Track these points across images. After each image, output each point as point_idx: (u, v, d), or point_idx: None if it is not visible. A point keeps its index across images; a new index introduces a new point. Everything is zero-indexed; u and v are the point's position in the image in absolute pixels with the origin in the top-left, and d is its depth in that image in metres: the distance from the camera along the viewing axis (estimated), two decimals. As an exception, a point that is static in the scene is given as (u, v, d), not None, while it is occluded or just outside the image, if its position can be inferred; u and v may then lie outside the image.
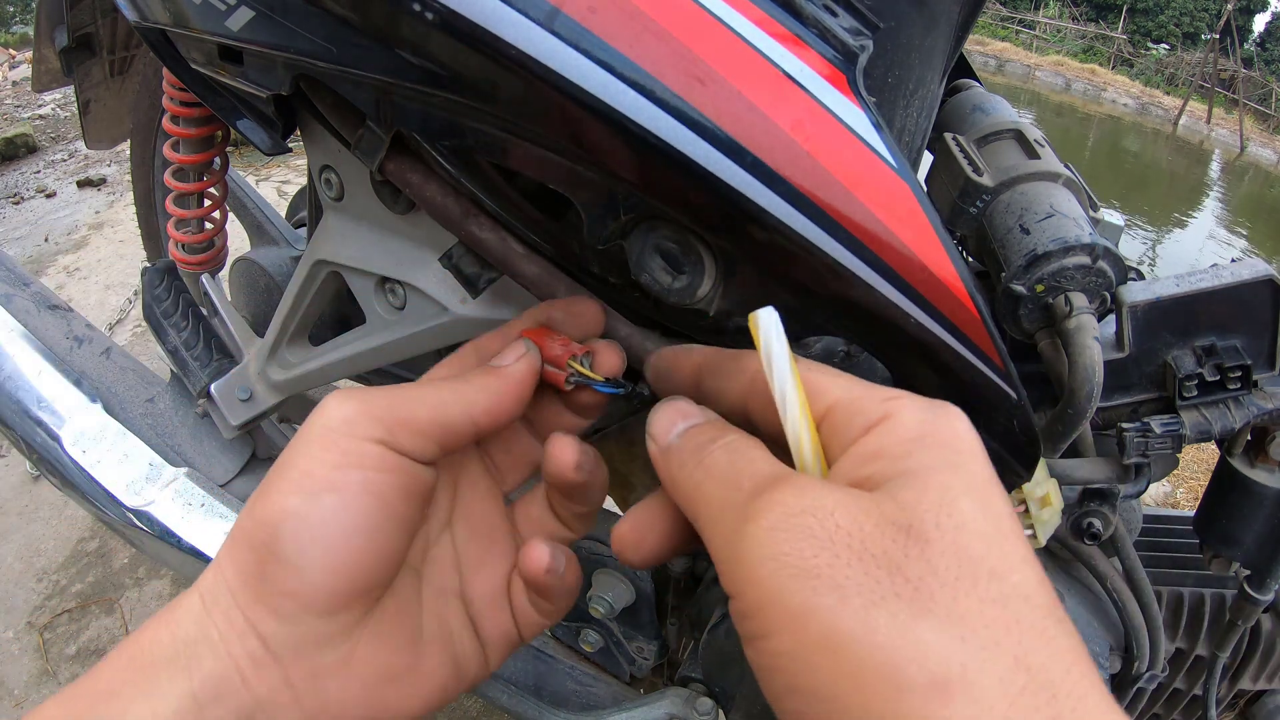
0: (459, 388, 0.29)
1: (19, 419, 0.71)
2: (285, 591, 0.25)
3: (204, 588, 0.26)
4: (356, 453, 0.26)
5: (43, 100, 3.66)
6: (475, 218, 0.38)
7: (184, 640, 0.25)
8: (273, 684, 0.25)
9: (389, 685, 0.27)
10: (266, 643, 0.25)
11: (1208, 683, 0.63)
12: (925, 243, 0.32)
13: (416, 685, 0.28)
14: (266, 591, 0.25)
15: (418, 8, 0.30)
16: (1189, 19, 20.68)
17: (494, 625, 0.32)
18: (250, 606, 0.25)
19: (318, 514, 0.25)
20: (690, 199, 0.31)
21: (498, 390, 0.30)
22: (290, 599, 0.25)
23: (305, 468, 0.26)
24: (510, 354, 0.31)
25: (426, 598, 0.30)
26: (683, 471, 0.26)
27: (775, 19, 0.31)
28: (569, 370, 0.32)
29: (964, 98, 0.56)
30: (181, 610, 0.26)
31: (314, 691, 0.26)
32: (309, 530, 0.25)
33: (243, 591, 0.25)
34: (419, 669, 0.29)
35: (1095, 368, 0.39)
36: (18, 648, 1.13)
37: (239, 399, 0.65)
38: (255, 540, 0.26)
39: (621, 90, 0.29)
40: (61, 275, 2.12)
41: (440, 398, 0.29)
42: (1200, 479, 1.89)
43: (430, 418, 0.28)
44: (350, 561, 0.26)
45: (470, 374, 0.31)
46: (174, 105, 0.59)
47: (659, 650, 0.68)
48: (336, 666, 0.26)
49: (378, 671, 0.27)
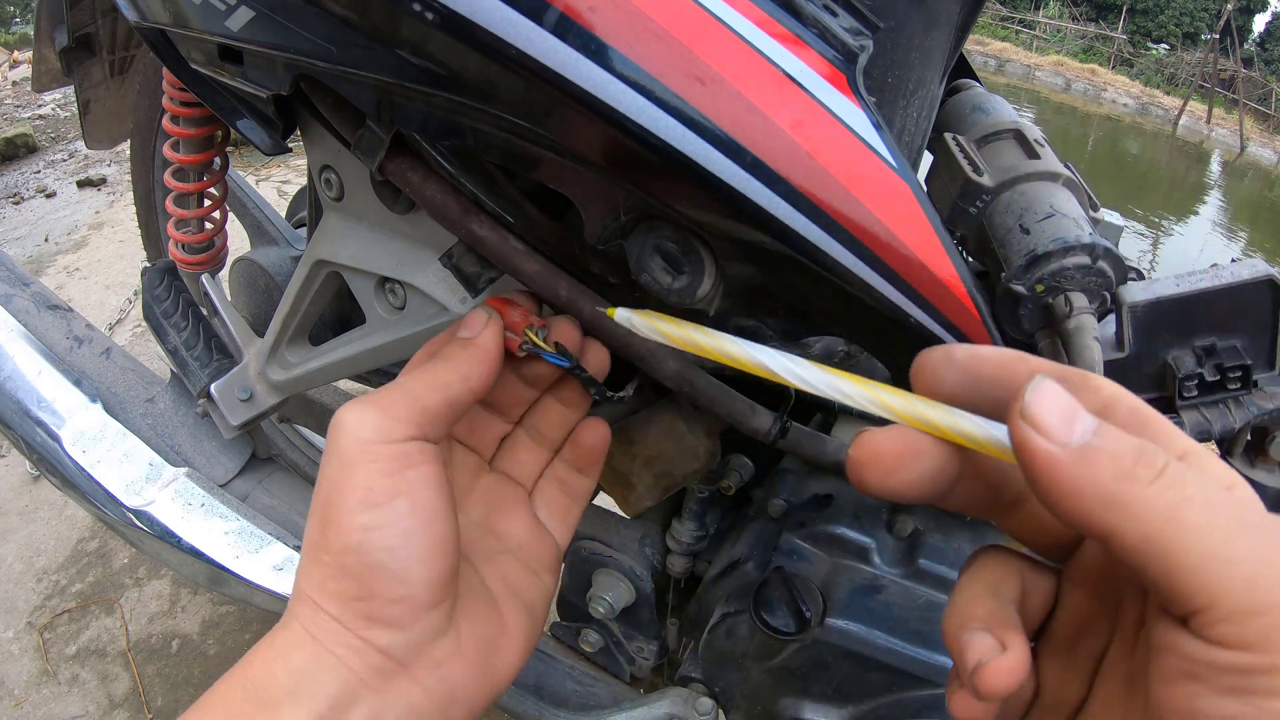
0: (452, 366, 0.31)
1: (19, 419, 0.71)
2: (395, 599, 0.27)
3: (305, 622, 0.27)
4: (402, 454, 0.28)
5: (43, 100, 3.66)
6: (475, 217, 0.38)
7: (300, 672, 0.26)
8: (401, 687, 0.27)
9: (493, 653, 0.30)
10: (388, 654, 0.27)
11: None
12: (925, 243, 0.32)
13: (511, 642, 0.31)
14: (377, 608, 0.27)
15: (418, 8, 0.30)
16: (1189, 19, 20.68)
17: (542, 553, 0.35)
18: (364, 629, 0.27)
19: (395, 519, 0.27)
20: (690, 199, 0.31)
21: (480, 359, 0.32)
22: (400, 605, 0.27)
23: (363, 485, 0.27)
24: (475, 323, 0.33)
25: (480, 566, 0.33)
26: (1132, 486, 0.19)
27: (775, 19, 0.31)
28: (523, 338, 0.33)
29: (964, 98, 0.56)
30: (288, 646, 0.27)
31: (439, 680, 0.28)
32: (394, 536, 0.27)
33: (351, 618, 0.27)
34: (507, 628, 0.31)
35: (1095, 368, 0.39)
36: (18, 648, 1.13)
37: (239, 399, 0.65)
38: (348, 567, 0.27)
39: (621, 90, 0.29)
40: (61, 275, 2.12)
41: (441, 379, 0.30)
42: (1200, 479, 1.89)
43: (441, 400, 0.30)
44: (437, 549, 0.28)
45: (448, 350, 0.32)
46: (174, 105, 0.58)
47: (659, 650, 0.68)
48: (451, 652, 0.28)
49: (481, 643, 0.30)
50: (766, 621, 0.51)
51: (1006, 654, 0.22)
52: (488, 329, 0.32)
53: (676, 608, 0.69)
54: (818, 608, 0.51)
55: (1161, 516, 0.19)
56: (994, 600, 0.24)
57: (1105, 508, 0.19)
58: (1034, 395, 0.21)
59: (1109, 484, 0.19)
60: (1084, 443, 0.20)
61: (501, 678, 0.30)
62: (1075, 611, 0.24)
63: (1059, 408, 0.21)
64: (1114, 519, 0.19)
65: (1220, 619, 0.18)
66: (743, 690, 0.59)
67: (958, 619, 0.24)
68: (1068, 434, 0.20)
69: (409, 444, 0.28)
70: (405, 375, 0.31)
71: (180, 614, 1.20)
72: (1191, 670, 0.18)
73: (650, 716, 0.62)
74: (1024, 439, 0.20)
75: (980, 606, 0.24)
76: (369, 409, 0.28)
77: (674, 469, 0.49)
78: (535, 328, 0.34)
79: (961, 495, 0.25)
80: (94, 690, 1.08)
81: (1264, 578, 0.18)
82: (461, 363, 0.31)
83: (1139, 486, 0.19)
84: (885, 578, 0.53)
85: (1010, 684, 0.22)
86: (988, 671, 0.22)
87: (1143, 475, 0.19)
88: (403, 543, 0.27)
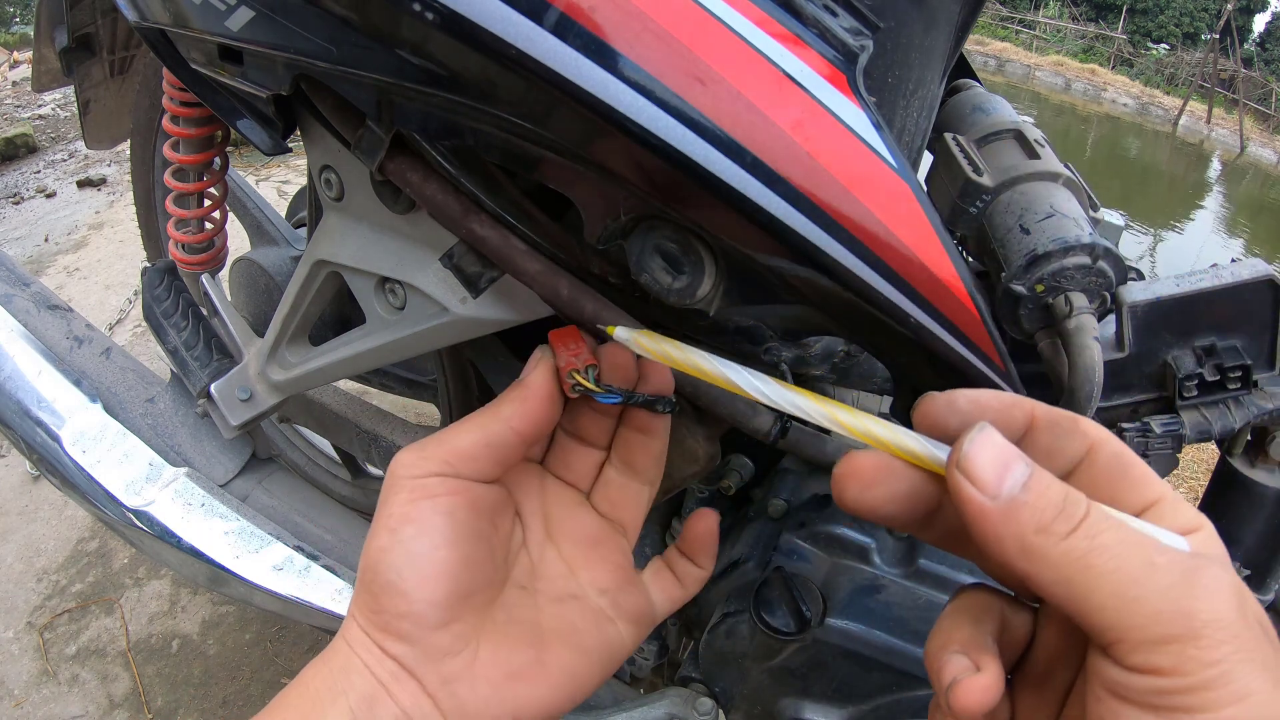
0: (494, 408, 0.33)
1: (19, 419, 0.71)
2: (399, 614, 0.30)
3: (346, 631, 0.31)
4: (421, 487, 0.31)
5: (43, 100, 3.66)
6: (476, 217, 0.38)
7: (339, 671, 0.30)
8: (413, 694, 0.29)
9: (516, 682, 0.31)
10: (401, 662, 0.30)
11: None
12: (925, 243, 0.32)
13: (545, 678, 0.32)
14: (387, 620, 0.30)
15: (418, 8, 0.30)
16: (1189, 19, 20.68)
17: (628, 606, 0.36)
18: (381, 638, 0.30)
19: (403, 542, 0.30)
20: (690, 199, 0.31)
21: (524, 399, 0.33)
22: (405, 620, 0.30)
23: (386, 513, 0.31)
24: (530, 363, 0.34)
25: (543, 604, 0.34)
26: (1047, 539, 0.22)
27: (775, 19, 0.31)
28: (571, 380, 0.33)
29: (964, 98, 0.56)
30: (332, 651, 0.31)
31: (449, 695, 0.30)
32: (400, 557, 0.30)
33: (371, 628, 0.30)
34: (544, 663, 0.32)
35: (1095, 368, 0.39)
36: (18, 648, 1.13)
37: (239, 399, 0.65)
38: (365, 583, 0.31)
39: (621, 90, 0.29)
40: (61, 275, 2.12)
41: (480, 421, 0.33)
42: (1200, 479, 1.89)
43: (475, 440, 0.32)
44: (440, 572, 0.30)
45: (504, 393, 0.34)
46: (174, 105, 0.59)
47: (659, 650, 0.68)
48: (462, 671, 0.30)
49: (504, 671, 0.31)
50: (766, 621, 0.51)
51: (980, 674, 0.24)
52: (537, 370, 0.34)
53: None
54: (818, 608, 0.51)
55: (1074, 564, 0.21)
56: (973, 627, 0.26)
57: (1023, 557, 0.22)
58: (971, 446, 0.23)
59: (1028, 536, 0.22)
60: (1010, 496, 0.22)
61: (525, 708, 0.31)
62: (1048, 646, 0.26)
63: (994, 459, 0.23)
64: (1030, 567, 0.22)
65: (1131, 650, 0.20)
66: (743, 690, 0.59)
67: (939, 642, 0.26)
68: (998, 486, 0.22)
69: (431, 479, 0.31)
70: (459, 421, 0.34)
71: (180, 614, 1.20)
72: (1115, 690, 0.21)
73: (650, 716, 0.62)
74: (957, 487, 0.23)
75: (960, 632, 0.26)
76: (410, 450, 0.32)
77: (673, 471, 0.49)
78: (584, 368, 0.34)
79: (940, 528, 0.26)
80: (94, 690, 1.08)
81: (1167, 613, 0.20)
82: (504, 406, 0.33)
83: (1054, 540, 0.22)
84: (885, 578, 0.53)
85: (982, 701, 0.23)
86: (961, 689, 0.24)
87: (1059, 529, 0.22)
88: (407, 563, 0.30)
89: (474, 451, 0.32)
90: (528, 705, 0.31)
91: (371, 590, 0.30)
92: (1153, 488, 0.24)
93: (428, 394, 0.93)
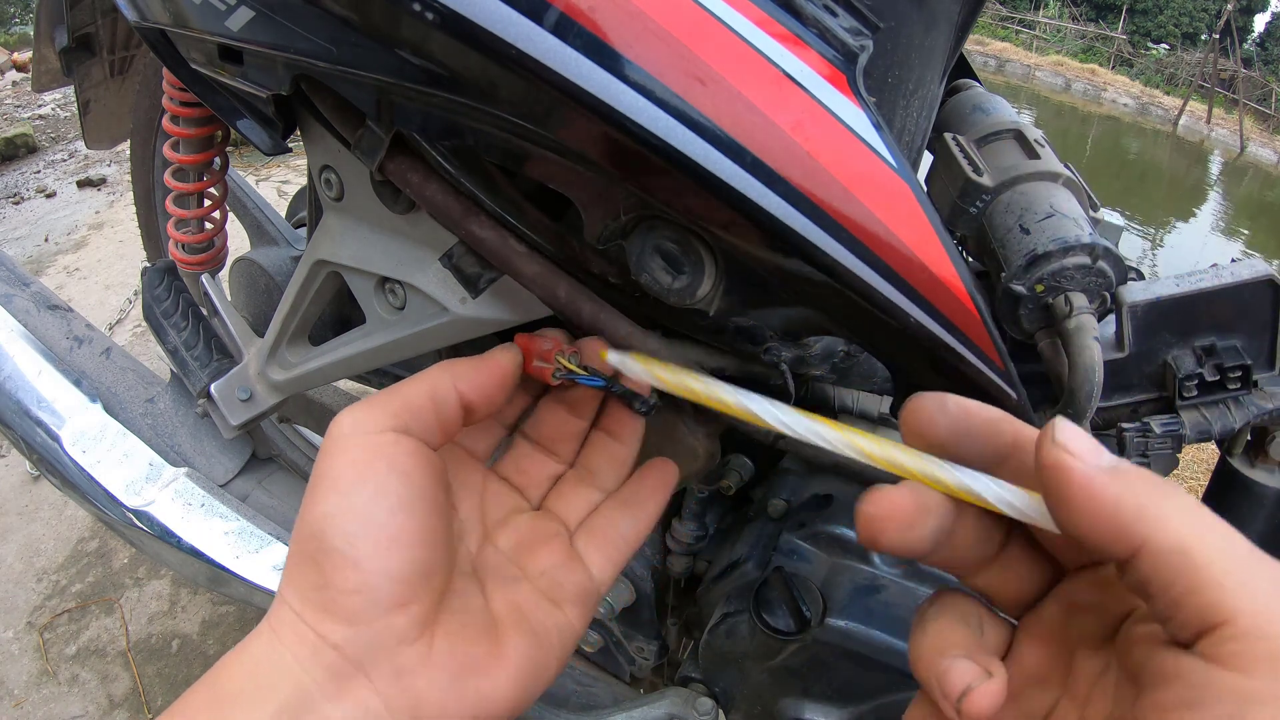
0: (444, 365, 0.31)
1: (19, 419, 0.71)
2: (349, 589, 0.25)
3: (272, 618, 0.26)
4: (374, 444, 0.28)
5: (43, 100, 3.66)
6: (475, 217, 0.38)
7: (254, 670, 0.25)
8: (357, 695, 0.25)
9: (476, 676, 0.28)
10: (343, 651, 0.25)
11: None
12: (925, 243, 0.32)
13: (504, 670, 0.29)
14: (331, 597, 0.25)
15: (418, 8, 0.30)
16: (1189, 19, 20.67)
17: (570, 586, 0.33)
18: (319, 620, 0.26)
19: (357, 505, 0.26)
20: (690, 199, 0.31)
21: (477, 364, 0.31)
22: (356, 595, 0.25)
23: (333, 474, 0.27)
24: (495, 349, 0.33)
25: (491, 591, 0.31)
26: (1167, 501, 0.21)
27: (775, 19, 0.31)
28: (556, 365, 0.33)
29: (964, 98, 0.56)
30: (252, 642, 0.26)
31: (401, 691, 0.26)
32: (353, 522, 0.26)
33: (308, 609, 0.26)
34: (501, 654, 0.29)
35: (1095, 368, 0.39)
36: (18, 648, 1.13)
37: (239, 399, 0.65)
38: (307, 554, 0.26)
39: (621, 90, 0.29)
40: (61, 275, 2.12)
41: (429, 377, 0.30)
42: (1200, 479, 1.89)
43: (423, 393, 0.29)
44: (400, 540, 0.26)
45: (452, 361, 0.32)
46: (174, 105, 0.59)
47: (659, 650, 0.68)
48: (418, 662, 0.26)
49: (461, 663, 0.27)
50: (766, 621, 0.51)
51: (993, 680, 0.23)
52: (502, 347, 0.33)
53: (676, 608, 0.69)
54: (818, 608, 0.51)
55: (1192, 531, 0.20)
56: (967, 629, 0.25)
57: (1140, 519, 0.20)
58: (1063, 428, 0.22)
59: (1144, 496, 0.20)
60: (1114, 464, 0.21)
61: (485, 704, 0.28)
62: (1027, 665, 0.25)
63: (1086, 438, 0.22)
64: (1149, 529, 0.20)
65: (1232, 637, 0.19)
66: (743, 690, 0.59)
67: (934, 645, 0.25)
68: (1098, 458, 0.22)
69: (383, 435, 0.28)
70: None
71: (180, 614, 1.20)
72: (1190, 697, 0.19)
73: (650, 716, 0.62)
74: (1059, 462, 0.22)
75: (956, 634, 0.25)
76: (355, 407, 0.29)
77: (674, 469, 0.49)
78: (567, 354, 0.34)
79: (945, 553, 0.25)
80: (94, 690, 1.08)
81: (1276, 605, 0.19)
82: (457, 363, 0.31)
83: (1172, 501, 0.20)
84: (885, 578, 0.53)
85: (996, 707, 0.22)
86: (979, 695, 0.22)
87: (1171, 493, 0.20)
88: (361, 529, 0.26)
89: (422, 406, 0.29)
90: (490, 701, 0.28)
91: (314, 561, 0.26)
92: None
93: (428, 394, 0.93)
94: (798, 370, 0.44)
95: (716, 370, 0.44)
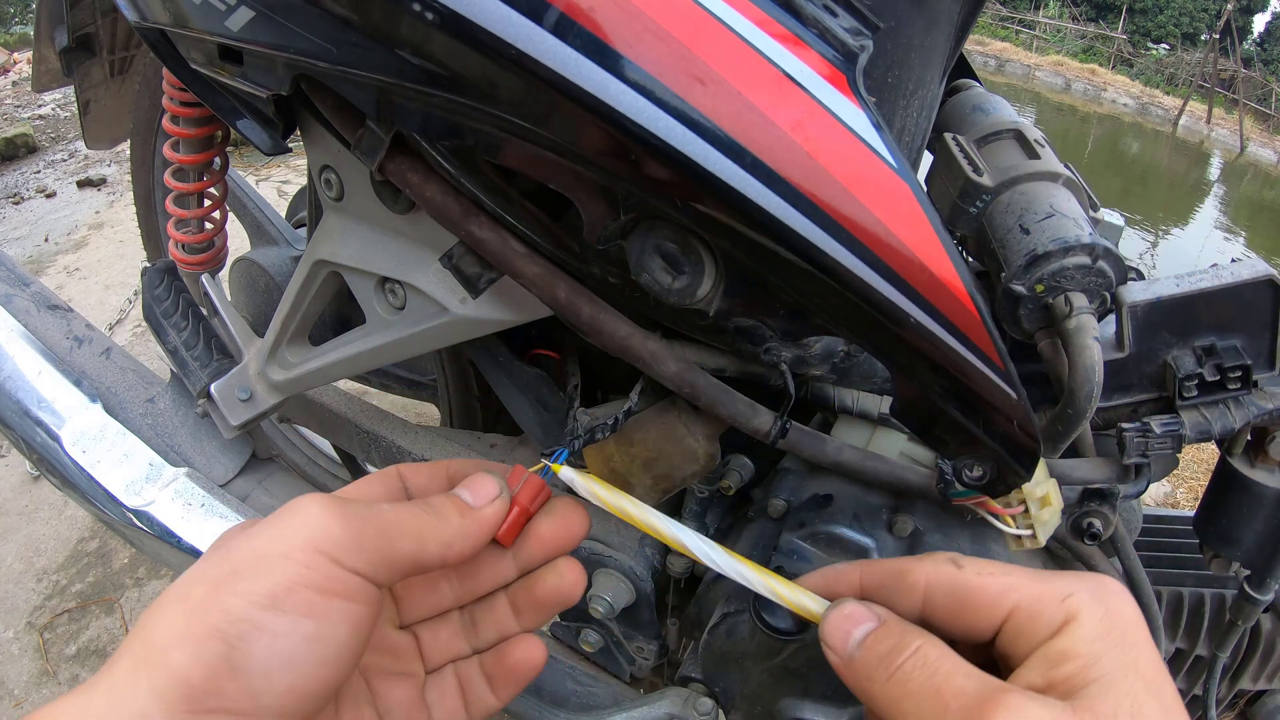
0: (435, 526, 0.29)
1: (19, 419, 0.71)
2: (234, 711, 0.23)
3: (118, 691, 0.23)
4: (341, 581, 0.25)
5: (43, 100, 3.66)
6: (475, 217, 0.38)
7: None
8: None
9: None
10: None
11: (1208, 683, 0.63)
12: (925, 243, 0.32)
13: None
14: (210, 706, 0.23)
15: (418, 8, 0.30)
16: (1189, 19, 20.67)
17: None
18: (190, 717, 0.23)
19: (293, 638, 0.24)
20: (690, 199, 0.31)
21: (472, 534, 0.30)
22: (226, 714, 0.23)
23: (285, 582, 0.24)
24: (484, 493, 0.31)
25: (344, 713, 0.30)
26: (874, 685, 0.28)
27: (775, 19, 0.31)
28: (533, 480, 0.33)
29: (964, 98, 0.56)
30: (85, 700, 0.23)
31: None
32: (281, 654, 0.24)
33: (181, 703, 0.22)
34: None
35: (1095, 368, 0.39)
36: (18, 648, 1.13)
37: (239, 399, 0.65)
38: (209, 650, 0.23)
39: (621, 90, 0.29)
40: (61, 275, 2.12)
41: (421, 534, 0.28)
42: (1200, 479, 1.89)
43: (409, 554, 0.28)
44: (313, 690, 0.25)
45: (443, 508, 0.30)
46: (174, 105, 0.58)
47: (659, 650, 0.68)
48: None
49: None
50: (766, 621, 0.51)
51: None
52: (493, 507, 0.31)
53: (676, 608, 0.69)
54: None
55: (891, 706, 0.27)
56: None
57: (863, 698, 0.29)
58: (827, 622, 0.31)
59: (861, 684, 0.29)
60: (850, 656, 0.29)
61: None
62: None
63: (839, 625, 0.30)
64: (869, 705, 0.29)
65: None
66: (743, 690, 0.59)
67: None
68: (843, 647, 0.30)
69: (354, 577, 0.26)
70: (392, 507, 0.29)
71: (180, 614, 1.20)
72: None
73: (650, 716, 0.62)
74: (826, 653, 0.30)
75: None
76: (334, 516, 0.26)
77: (673, 471, 0.49)
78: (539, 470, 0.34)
79: None
80: (94, 690, 1.08)
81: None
82: (448, 530, 0.29)
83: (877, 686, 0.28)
84: (885, 578, 0.53)
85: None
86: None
87: (879, 676, 0.28)
88: (283, 666, 0.24)
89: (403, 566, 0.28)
90: None
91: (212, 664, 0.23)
92: (1001, 606, 0.28)
93: (427, 394, 0.93)
94: (798, 370, 0.44)
95: (717, 370, 0.44)
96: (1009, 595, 0.28)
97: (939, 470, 0.39)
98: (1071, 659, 0.26)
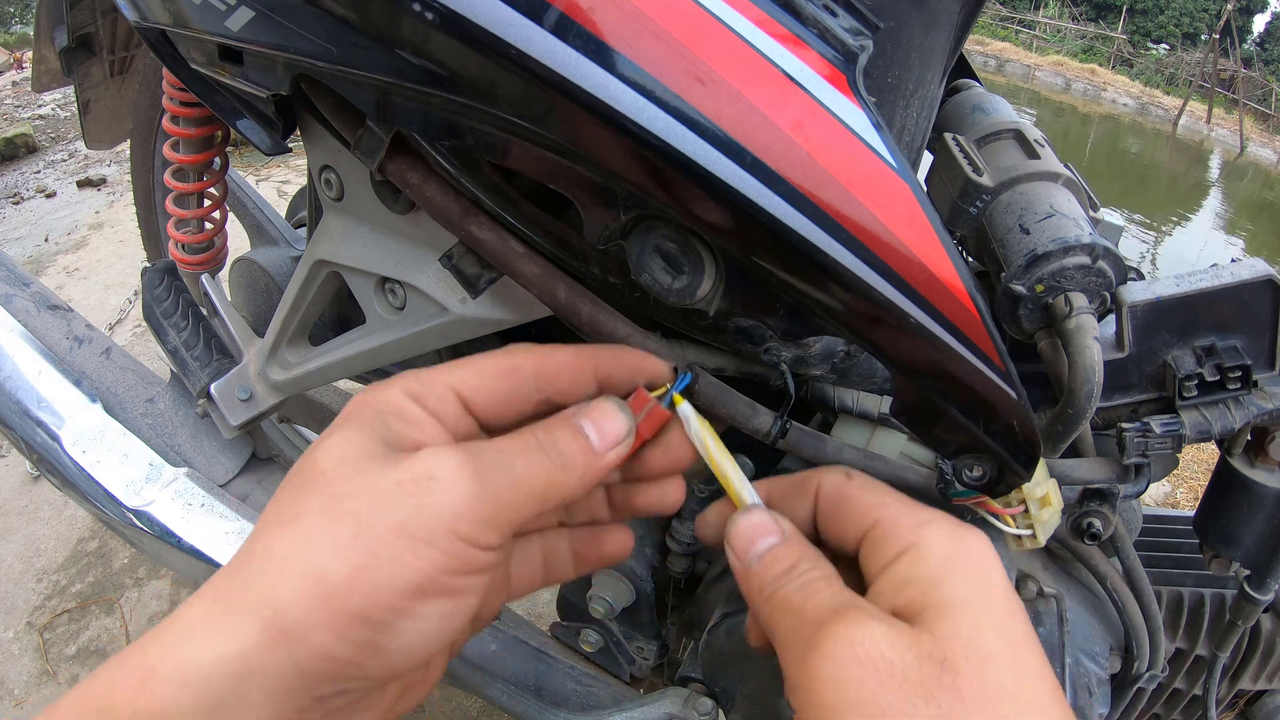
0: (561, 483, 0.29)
1: (19, 419, 0.71)
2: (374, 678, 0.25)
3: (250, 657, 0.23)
4: (478, 563, 0.26)
5: (43, 100, 3.66)
6: (475, 218, 0.38)
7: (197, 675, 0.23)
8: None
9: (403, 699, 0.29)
10: None
11: (1208, 683, 0.63)
12: (925, 243, 0.32)
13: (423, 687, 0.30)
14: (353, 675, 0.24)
15: (418, 8, 0.30)
16: (1189, 19, 20.67)
17: None
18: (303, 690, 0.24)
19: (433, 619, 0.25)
20: (690, 199, 0.31)
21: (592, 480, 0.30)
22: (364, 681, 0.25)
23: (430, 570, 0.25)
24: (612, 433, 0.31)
25: None
26: (761, 597, 0.29)
27: (775, 19, 0.31)
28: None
29: (964, 98, 0.56)
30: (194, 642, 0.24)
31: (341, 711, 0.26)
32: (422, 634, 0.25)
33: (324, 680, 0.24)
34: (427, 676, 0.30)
35: (1095, 368, 0.39)
36: (18, 648, 1.13)
37: (239, 399, 0.65)
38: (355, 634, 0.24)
39: (621, 90, 0.29)
40: (61, 275, 2.12)
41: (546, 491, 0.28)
42: (1200, 479, 1.89)
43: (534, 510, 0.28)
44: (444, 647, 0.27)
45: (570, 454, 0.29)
46: (174, 105, 0.59)
47: (659, 650, 0.68)
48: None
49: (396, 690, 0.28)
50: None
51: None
52: (616, 451, 0.31)
53: (676, 608, 0.69)
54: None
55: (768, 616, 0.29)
56: None
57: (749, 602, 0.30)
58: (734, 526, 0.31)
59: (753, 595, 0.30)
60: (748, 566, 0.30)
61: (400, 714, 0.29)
62: None
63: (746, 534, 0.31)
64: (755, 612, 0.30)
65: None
66: (743, 690, 0.59)
67: None
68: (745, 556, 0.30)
69: (489, 555, 0.26)
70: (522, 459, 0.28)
71: (180, 614, 1.20)
72: None
73: (650, 716, 0.62)
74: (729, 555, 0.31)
75: None
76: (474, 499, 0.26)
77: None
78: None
79: None
80: (94, 690, 1.08)
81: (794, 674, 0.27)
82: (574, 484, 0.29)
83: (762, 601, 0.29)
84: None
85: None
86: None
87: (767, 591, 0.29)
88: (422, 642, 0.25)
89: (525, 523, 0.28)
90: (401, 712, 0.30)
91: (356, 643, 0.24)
92: (864, 519, 0.30)
93: (428, 394, 0.93)
94: (798, 370, 0.44)
95: (717, 370, 0.44)
96: (874, 511, 0.30)
97: (939, 470, 0.39)
98: (914, 583, 0.27)
